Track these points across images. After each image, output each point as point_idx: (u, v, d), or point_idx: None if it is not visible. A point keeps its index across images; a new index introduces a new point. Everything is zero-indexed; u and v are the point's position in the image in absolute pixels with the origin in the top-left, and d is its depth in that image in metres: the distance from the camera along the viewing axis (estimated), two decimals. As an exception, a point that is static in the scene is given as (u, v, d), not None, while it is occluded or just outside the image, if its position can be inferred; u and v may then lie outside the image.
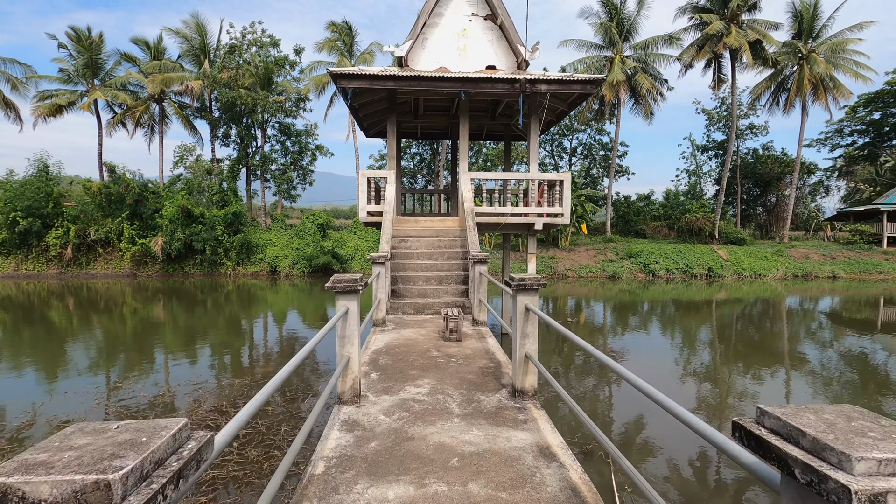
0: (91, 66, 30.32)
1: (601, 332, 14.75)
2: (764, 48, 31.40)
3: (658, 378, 9.98)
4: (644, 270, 29.88)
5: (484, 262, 7.10)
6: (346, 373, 3.95)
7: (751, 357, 11.84)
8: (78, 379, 9.66)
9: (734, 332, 15.02)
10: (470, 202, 9.27)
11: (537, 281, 4.04)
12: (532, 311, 3.96)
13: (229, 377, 9.58)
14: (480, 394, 4.26)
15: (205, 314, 18.30)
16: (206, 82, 29.93)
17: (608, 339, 13.65)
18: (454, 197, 14.69)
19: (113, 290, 24.56)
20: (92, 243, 28.24)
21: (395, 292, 8.21)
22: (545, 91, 9.18)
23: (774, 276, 29.86)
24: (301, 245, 29.90)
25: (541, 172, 9.61)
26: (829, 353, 12.60)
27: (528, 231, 10.22)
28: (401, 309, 7.90)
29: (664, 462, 6.16)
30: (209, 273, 28.84)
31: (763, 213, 45.04)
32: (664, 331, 15.17)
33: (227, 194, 29.36)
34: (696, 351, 12.52)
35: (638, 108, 33.47)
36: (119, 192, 27.80)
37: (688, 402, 8.54)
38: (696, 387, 9.53)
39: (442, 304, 7.95)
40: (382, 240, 8.26)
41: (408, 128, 14.83)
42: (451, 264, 8.75)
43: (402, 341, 6.16)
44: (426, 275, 8.46)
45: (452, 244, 9.24)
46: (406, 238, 9.22)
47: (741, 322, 16.65)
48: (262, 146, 34.45)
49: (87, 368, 10.57)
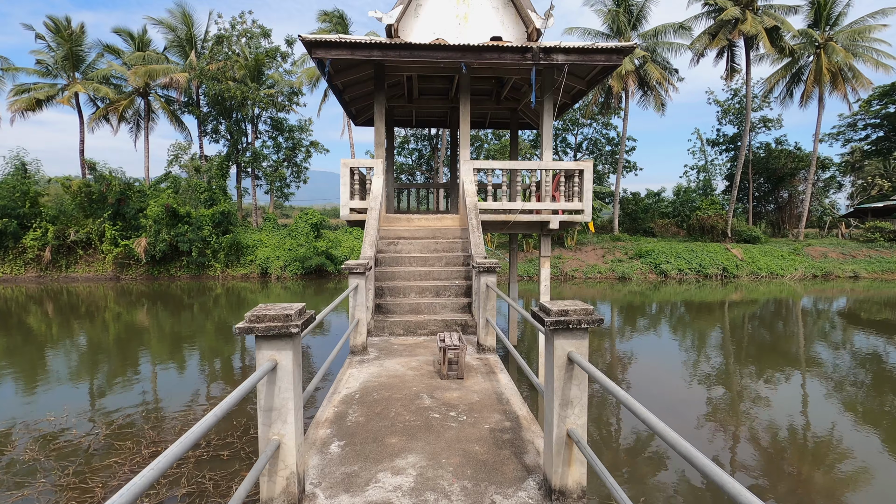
0: (71, 59, 28.75)
1: (634, 348, 13.19)
2: (781, 36, 29.76)
3: (702, 399, 8.43)
4: (655, 271, 28.39)
5: (492, 272, 5.55)
6: (276, 468, 2.41)
7: (791, 370, 10.24)
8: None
9: (776, 342, 13.39)
10: (472, 196, 7.71)
11: (587, 316, 2.49)
12: (579, 365, 2.41)
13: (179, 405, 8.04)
14: (496, 490, 2.71)
15: (191, 320, 17.05)
16: (193, 74, 28.34)
17: (646, 358, 12.10)
18: (454, 193, 13.12)
19: (95, 294, 23.28)
20: (72, 245, 26.74)
21: (382, 308, 6.66)
22: (562, 63, 7.60)
23: (793, 277, 28.28)
24: (294, 245, 28.40)
25: (556, 161, 7.94)
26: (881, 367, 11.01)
27: (542, 230, 8.66)
28: (387, 329, 6.35)
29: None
30: (196, 276, 27.39)
31: (775, 210, 43.38)
32: (696, 343, 13.60)
33: (215, 192, 27.84)
34: (743, 365, 10.93)
35: (647, 100, 31.84)
36: (100, 191, 26.28)
37: (738, 421, 6.99)
38: (755, 410, 7.96)
39: (439, 322, 6.39)
40: (365, 243, 6.70)
41: (401, 114, 13.23)
42: (451, 272, 7.19)
43: (385, 380, 4.60)
44: (420, 285, 6.91)
45: (452, 247, 7.69)
46: (396, 240, 7.67)
47: (775, 329, 15.02)
48: (253, 142, 32.87)
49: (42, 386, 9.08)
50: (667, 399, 8.81)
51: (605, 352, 12.16)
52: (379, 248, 7.54)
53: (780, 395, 9.12)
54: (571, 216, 8.22)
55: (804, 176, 40.47)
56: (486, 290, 5.54)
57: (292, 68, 32.84)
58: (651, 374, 10.52)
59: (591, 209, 8.10)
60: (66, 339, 14.15)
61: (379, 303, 6.66)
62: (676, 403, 8.60)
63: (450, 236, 7.95)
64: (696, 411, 8.23)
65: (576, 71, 8.80)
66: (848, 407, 8.50)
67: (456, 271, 7.19)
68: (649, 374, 10.47)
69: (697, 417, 7.93)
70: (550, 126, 8.55)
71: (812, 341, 13.71)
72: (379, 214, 7.45)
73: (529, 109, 11.68)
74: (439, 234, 7.97)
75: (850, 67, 30.83)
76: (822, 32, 31.65)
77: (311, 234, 28.64)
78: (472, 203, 7.55)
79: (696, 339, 13.97)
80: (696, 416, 7.96)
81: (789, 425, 7.68)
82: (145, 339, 13.78)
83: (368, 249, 6.58)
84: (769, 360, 11.48)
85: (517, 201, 8.08)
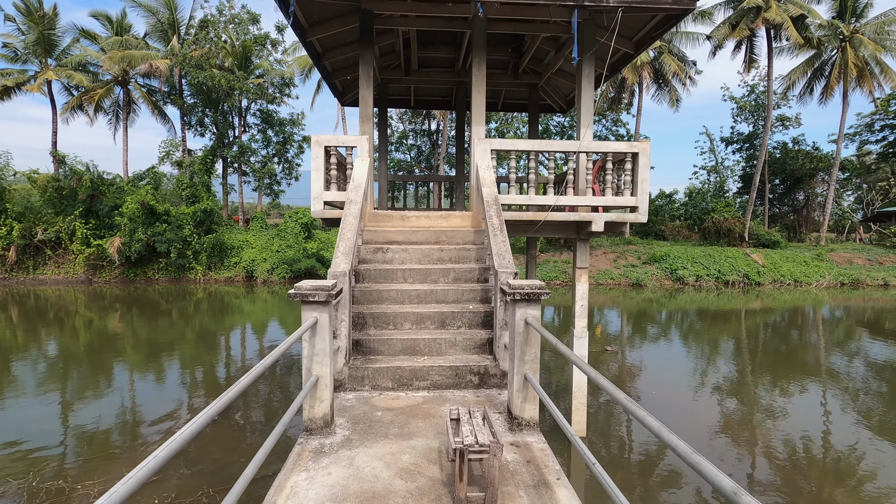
0: (43, 43, 26.55)
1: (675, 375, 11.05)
2: (807, 26, 27.78)
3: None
4: (671, 277, 26.38)
5: (535, 302, 3.45)
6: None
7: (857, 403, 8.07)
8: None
9: (836, 369, 11.18)
10: (490, 186, 5.61)
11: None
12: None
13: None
14: None
15: (169, 326, 15.22)
16: (175, 61, 26.18)
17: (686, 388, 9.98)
18: (459, 188, 11.01)
19: (65, 298, 21.45)
20: (40, 245, 24.56)
21: (362, 346, 4.55)
22: (614, 5, 5.53)
23: (821, 284, 26.25)
24: (282, 247, 26.33)
25: (601, 142, 5.79)
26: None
27: (578, 233, 6.58)
28: (369, 380, 4.25)
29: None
30: (176, 279, 25.31)
31: (790, 213, 41.34)
32: (746, 366, 11.47)
33: (197, 189, 25.70)
34: (788, 393, 8.81)
35: (662, 95, 29.81)
36: (70, 186, 24.11)
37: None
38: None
39: (446, 370, 4.30)
40: (338, 250, 4.60)
41: (397, 91, 11.07)
42: (462, 292, 5.10)
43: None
44: (418, 311, 4.81)
45: (462, 256, 5.59)
46: (386, 246, 5.56)
47: (830, 351, 12.83)
48: (240, 135, 30.70)
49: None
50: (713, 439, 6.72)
51: (641, 373, 10.09)
52: (362, 256, 5.44)
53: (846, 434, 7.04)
54: (622, 214, 6.13)
55: (822, 177, 38.51)
56: (526, 329, 3.44)
57: (283, 57, 30.73)
58: (694, 406, 8.43)
59: (647, 207, 6.02)
60: (32, 346, 12.75)
61: (358, 338, 4.55)
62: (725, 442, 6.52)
63: (459, 241, 5.86)
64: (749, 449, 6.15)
65: (624, 26, 6.71)
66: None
67: (469, 291, 5.09)
68: (690, 403, 8.39)
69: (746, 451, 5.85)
70: (591, 96, 6.47)
71: (877, 368, 11.63)
72: (361, 210, 5.34)
73: (553, 86, 9.59)
74: (445, 238, 5.87)
75: (878, 62, 28.90)
76: (847, 24, 29.76)
77: (301, 235, 26.57)
78: (490, 195, 5.45)
79: (741, 361, 11.89)
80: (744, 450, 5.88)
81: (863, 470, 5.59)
82: (119, 348, 12.38)
83: (342, 260, 4.46)
84: (826, 390, 9.39)
85: (549, 194, 6.01)
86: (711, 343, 14.16)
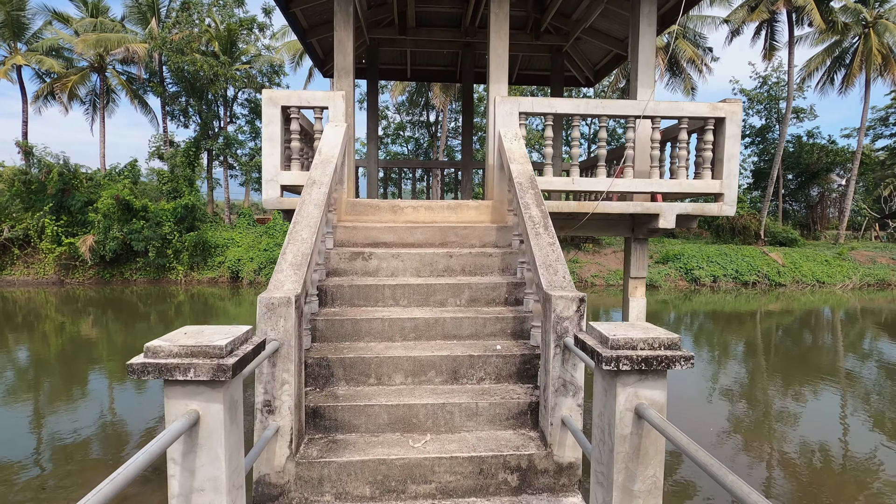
0: (11, 25, 24.56)
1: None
2: (831, 9, 26.04)
3: None
4: (686, 277, 24.71)
5: (655, 375, 1.65)
6: None
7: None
8: None
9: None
10: (523, 162, 3.82)
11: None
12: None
13: None
14: None
15: (147, 331, 13.63)
16: (154, 45, 24.26)
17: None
18: (466, 176, 9.20)
19: (35, 300, 19.97)
20: (7, 243, 22.70)
21: (323, 418, 2.75)
22: None
23: (846, 285, 24.57)
24: (270, 245, 24.55)
25: (669, 102, 3.95)
26: None
27: (634, 231, 4.82)
28: (331, 484, 2.46)
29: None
30: (155, 280, 23.54)
31: (804, 209, 39.66)
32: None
33: (179, 183, 23.87)
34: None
35: (676, 83, 28.03)
36: (39, 180, 22.24)
37: None
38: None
39: (463, 464, 2.52)
40: (283, 261, 2.81)
41: (390, 59, 9.20)
42: (484, 321, 3.31)
43: None
44: (416, 355, 3.03)
45: (481, 264, 3.80)
46: (368, 250, 3.77)
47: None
48: (226, 126, 28.79)
49: None
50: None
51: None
52: (332, 265, 3.65)
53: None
54: (700, 205, 4.36)
55: (839, 172, 36.86)
56: (638, 426, 1.66)
57: (271, 42, 28.81)
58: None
59: (735, 194, 4.24)
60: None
61: (318, 404, 2.75)
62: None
63: (475, 242, 4.08)
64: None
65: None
66: None
67: (495, 319, 3.30)
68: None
69: None
70: (652, 42, 4.71)
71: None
72: (330, 196, 3.53)
73: (578, 52, 7.79)
74: (454, 238, 4.09)
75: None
76: (870, 9, 28.12)
77: (290, 233, 24.75)
78: (523, 174, 3.66)
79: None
80: None
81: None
82: (95, 355, 11.26)
83: (289, 277, 2.65)
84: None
85: (601, 177, 4.25)
86: (752, 357, 12.37)
